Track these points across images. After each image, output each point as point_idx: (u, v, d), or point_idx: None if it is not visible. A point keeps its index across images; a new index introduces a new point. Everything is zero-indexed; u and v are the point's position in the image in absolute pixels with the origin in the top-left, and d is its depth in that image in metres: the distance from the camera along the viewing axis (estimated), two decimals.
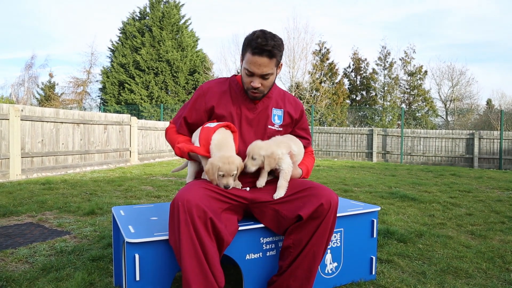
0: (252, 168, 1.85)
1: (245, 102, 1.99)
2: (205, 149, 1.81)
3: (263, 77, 1.86)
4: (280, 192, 1.85)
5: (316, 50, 25.92)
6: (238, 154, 1.84)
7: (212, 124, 1.89)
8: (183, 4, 23.86)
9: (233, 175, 1.78)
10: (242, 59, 1.93)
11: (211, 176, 1.76)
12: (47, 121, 7.40)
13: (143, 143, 10.92)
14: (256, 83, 1.86)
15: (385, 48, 26.83)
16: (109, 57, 24.24)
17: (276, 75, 1.97)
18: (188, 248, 1.51)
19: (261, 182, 1.92)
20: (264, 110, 2.02)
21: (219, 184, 1.78)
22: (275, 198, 1.82)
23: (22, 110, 6.82)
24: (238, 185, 1.88)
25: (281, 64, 2.00)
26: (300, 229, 1.72)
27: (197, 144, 1.88)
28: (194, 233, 1.51)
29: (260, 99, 1.99)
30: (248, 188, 1.92)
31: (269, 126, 2.00)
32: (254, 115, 1.99)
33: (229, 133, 1.87)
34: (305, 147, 2.15)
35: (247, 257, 1.83)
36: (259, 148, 1.85)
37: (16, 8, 42.20)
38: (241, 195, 1.82)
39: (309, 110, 18.39)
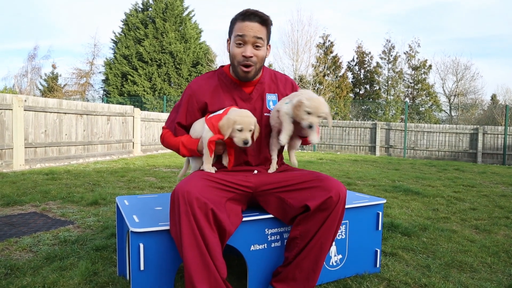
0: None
1: (239, 93, 1.94)
2: (218, 133, 1.74)
3: (255, 44, 1.82)
4: (315, 137, 1.79)
5: (320, 43, 25.79)
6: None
7: (218, 112, 1.84)
8: None
9: (250, 130, 1.71)
10: (229, 40, 1.90)
11: (224, 130, 1.67)
12: (51, 112, 7.40)
13: (146, 134, 10.92)
14: (248, 51, 1.80)
15: (389, 41, 26.69)
16: (112, 49, 24.19)
17: (266, 55, 1.92)
18: (189, 240, 1.49)
19: (285, 137, 1.81)
20: (259, 98, 1.97)
21: (238, 141, 1.70)
22: (314, 142, 1.78)
23: (25, 101, 6.81)
24: (226, 161, 1.86)
25: (270, 46, 1.95)
26: (307, 220, 1.70)
27: (200, 134, 1.85)
28: (195, 224, 1.50)
29: (252, 79, 1.91)
30: (255, 171, 1.89)
31: (265, 114, 1.95)
32: (250, 105, 1.93)
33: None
34: None
35: (252, 248, 1.82)
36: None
37: None
38: (245, 184, 1.80)
39: None
